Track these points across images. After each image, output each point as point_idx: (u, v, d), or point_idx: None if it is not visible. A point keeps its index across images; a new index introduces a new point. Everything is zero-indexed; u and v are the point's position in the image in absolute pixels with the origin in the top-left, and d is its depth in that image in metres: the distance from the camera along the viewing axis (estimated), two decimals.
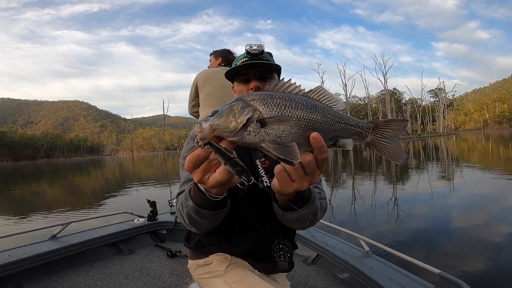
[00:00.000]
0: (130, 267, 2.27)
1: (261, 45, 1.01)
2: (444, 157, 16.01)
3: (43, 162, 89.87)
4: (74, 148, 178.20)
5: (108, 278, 2.10)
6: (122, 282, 2.06)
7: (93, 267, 2.25)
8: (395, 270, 1.73)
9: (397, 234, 4.06)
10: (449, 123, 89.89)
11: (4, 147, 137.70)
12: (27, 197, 10.58)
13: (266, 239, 0.96)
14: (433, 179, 8.57)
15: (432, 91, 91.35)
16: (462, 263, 3.02)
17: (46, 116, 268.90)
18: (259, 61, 1.00)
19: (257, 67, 1.02)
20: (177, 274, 2.16)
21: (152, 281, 2.07)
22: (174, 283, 2.04)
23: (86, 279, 2.08)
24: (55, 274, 2.11)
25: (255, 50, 1.00)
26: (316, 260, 2.26)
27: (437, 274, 1.52)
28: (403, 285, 1.58)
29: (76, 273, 2.15)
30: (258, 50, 1.00)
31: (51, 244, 2.20)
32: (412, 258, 1.70)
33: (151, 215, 2.75)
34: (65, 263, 2.20)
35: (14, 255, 1.98)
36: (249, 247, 0.97)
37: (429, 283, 1.56)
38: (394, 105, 75.55)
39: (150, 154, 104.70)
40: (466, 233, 3.96)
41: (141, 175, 17.70)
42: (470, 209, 5.15)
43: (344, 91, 71.20)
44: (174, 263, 2.33)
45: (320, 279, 2.07)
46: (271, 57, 1.09)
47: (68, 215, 6.20)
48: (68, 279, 2.07)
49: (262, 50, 1.02)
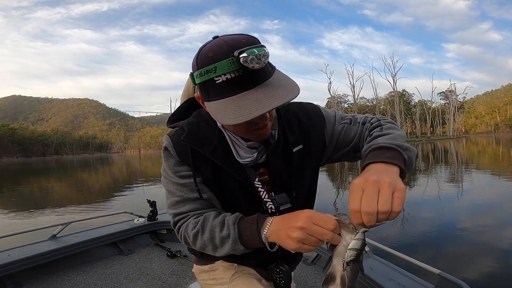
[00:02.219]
0: (130, 267, 2.27)
1: (264, 53, 0.61)
2: (453, 161, 15.74)
3: (52, 158, 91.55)
4: (83, 145, 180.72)
5: (108, 278, 2.10)
6: (122, 282, 2.05)
7: (93, 267, 2.25)
8: (395, 270, 1.72)
9: (402, 237, 4.00)
10: (459, 126, 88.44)
11: (15, 144, 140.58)
12: (29, 195, 10.75)
13: (269, 258, 0.88)
14: (441, 182, 8.42)
15: (443, 93, 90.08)
16: (468, 267, 2.97)
17: (57, 114, 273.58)
18: (271, 107, 0.61)
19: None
20: (177, 274, 2.16)
21: (152, 281, 2.06)
22: (174, 283, 2.03)
23: (86, 279, 2.08)
24: (55, 274, 2.11)
25: (257, 65, 0.60)
26: (316, 260, 2.25)
27: (437, 274, 1.52)
28: (403, 285, 1.58)
29: (76, 273, 2.15)
30: (260, 64, 0.60)
31: (51, 244, 2.21)
32: (412, 258, 1.69)
33: (151, 215, 2.74)
34: (65, 263, 2.21)
35: (14, 255, 1.98)
36: (257, 260, 0.91)
37: (429, 283, 1.55)
38: (403, 107, 74.78)
39: (157, 152, 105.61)
40: (474, 237, 3.89)
41: (147, 173, 17.84)
42: (479, 213, 5.04)
43: (352, 92, 70.62)
44: (174, 263, 2.33)
45: (320, 279, 2.06)
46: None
47: (69, 215, 6.25)
48: (68, 279, 2.07)
49: (266, 63, 0.63)
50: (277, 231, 0.65)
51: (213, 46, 0.63)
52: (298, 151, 0.83)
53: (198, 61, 0.64)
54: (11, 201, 9.30)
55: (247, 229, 0.70)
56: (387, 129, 0.77)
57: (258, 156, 0.79)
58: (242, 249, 0.71)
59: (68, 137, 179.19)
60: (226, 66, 0.60)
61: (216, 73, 0.61)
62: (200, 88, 0.67)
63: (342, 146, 0.86)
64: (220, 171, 0.77)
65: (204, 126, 0.79)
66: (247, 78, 0.62)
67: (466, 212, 5.29)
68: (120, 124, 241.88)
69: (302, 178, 0.86)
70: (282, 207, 0.79)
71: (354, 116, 0.87)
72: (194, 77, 0.66)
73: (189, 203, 0.78)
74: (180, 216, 0.79)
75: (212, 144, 0.76)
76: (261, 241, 0.68)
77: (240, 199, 0.80)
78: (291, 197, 0.82)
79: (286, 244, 0.63)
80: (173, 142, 0.78)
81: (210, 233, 0.73)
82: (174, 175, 0.78)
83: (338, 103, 79.79)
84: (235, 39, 0.62)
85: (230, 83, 0.62)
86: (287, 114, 0.85)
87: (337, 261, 0.61)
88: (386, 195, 0.55)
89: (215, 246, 0.74)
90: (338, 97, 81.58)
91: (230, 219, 0.73)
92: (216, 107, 0.65)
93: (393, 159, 0.64)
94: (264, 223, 0.68)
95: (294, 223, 0.61)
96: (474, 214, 5.11)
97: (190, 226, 0.76)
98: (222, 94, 0.64)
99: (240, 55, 0.58)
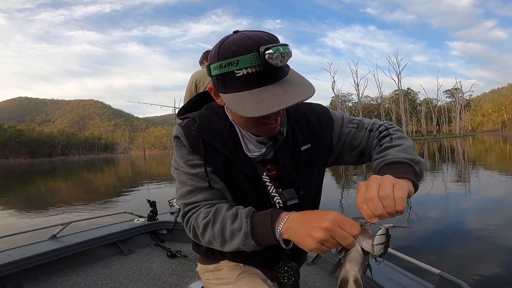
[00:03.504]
0: (130, 267, 2.26)
1: (288, 52, 0.63)
2: (460, 159, 15.56)
3: (58, 159, 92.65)
4: (89, 146, 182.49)
5: (108, 278, 2.09)
6: (122, 282, 2.05)
7: (93, 267, 2.25)
8: (395, 270, 1.70)
9: (407, 237, 3.94)
10: (465, 124, 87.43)
11: (22, 145, 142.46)
12: (34, 195, 10.86)
13: (277, 257, 0.88)
14: (447, 181, 8.33)
15: (448, 91, 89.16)
16: (475, 269, 2.91)
17: (63, 115, 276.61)
18: (288, 104, 0.63)
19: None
20: (177, 274, 2.15)
21: (152, 281, 2.06)
22: (174, 283, 2.02)
23: (86, 279, 2.07)
24: (55, 274, 2.11)
25: (280, 62, 0.62)
26: (316, 260, 2.23)
27: (437, 274, 1.50)
28: (403, 285, 1.57)
29: (76, 273, 2.15)
30: (283, 62, 0.63)
31: (51, 244, 2.20)
32: (412, 258, 1.67)
33: (151, 215, 2.74)
34: (65, 263, 2.21)
35: (14, 255, 1.98)
36: (263, 260, 0.91)
37: (429, 283, 1.54)
38: (408, 105, 74.14)
39: (162, 153, 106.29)
40: (481, 238, 3.81)
41: (152, 174, 17.93)
42: (486, 213, 4.95)
43: (356, 91, 70.37)
44: (174, 263, 2.32)
45: (320, 279, 2.05)
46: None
47: (74, 214, 6.29)
48: (68, 279, 2.07)
49: (287, 61, 0.65)
50: (295, 228, 0.63)
51: (236, 40, 0.64)
52: (306, 150, 0.84)
53: (220, 53, 0.65)
54: (19, 200, 9.41)
55: (260, 223, 0.68)
56: (397, 140, 0.79)
57: (266, 151, 0.80)
58: (253, 245, 0.69)
59: (74, 138, 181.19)
60: (249, 60, 0.61)
61: (237, 66, 0.62)
62: (217, 79, 0.68)
63: (348, 150, 0.88)
64: (230, 164, 0.78)
65: (216, 119, 0.80)
66: (267, 74, 0.64)
67: (474, 211, 5.21)
68: (125, 125, 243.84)
69: (310, 176, 0.86)
70: (289, 202, 0.80)
71: (361, 121, 0.89)
72: (211, 68, 0.67)
73: (201, 193, 0.78)
74: (191, 206, 0.78)
75: (223, 136, 0.78)
76: (274, 236, 0.66)
77: (248, 192, 0.80)
78: (299, 195, 0.82)
79: (304, 242, 0.61)
80: (184, 132, 0.78)
81: (221, 225, 0.71)
82: (186, 165, 0.78)
83: (342, 102, 79.38)
84: (258, 35, 0.64)
85: (250, 77, 0.63)
86: (296, 113, 0.86)
87: (350, 266, 0.61)
88: (386, 185, 0.58)
89: (224, 239, 0.72)
90: (342, 96, 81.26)
91: (243, 212, 0.71)
92: (234, 99, 0.66)
93: (405, 173, 0.67)
94: (279, 218, 0.66)
95: (319, 223, 0.59)
96: (482, 213, 5.02)
97: (201, 216, 0.74)
98: (240, 87, 0.65)
99: (266, 51, 0.60)
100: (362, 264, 0.60)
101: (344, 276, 0.61)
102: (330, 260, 2.06)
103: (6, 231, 2.18)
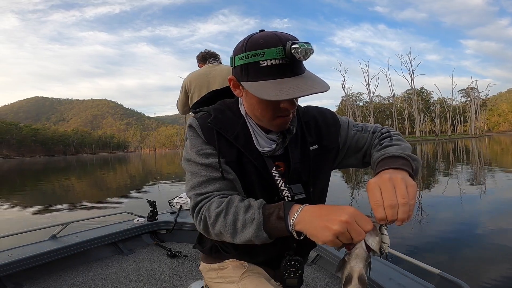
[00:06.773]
0: (130, 267, 2.26)
1: (311, 49, 0.69)
2: (475, 160, 15.12)
3: (73, 157, 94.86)
4: (101, 144, 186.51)
5: (108, 278, 2.09)
6: (122, 282, 2.04)
7: (93, 267, 2.24)
8: (395, 270, 1.70)
9: (419, 239, 3.84)
10: (481, 124, 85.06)
11: (38, 143, 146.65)
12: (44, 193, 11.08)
13: (282, 252, 0.89)
14: (462, 183, 8.09)
15: (464, 91, 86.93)
16: (486, 274, 2.81)
17: (77, 114, 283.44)
18: (305, 93, 0.68)
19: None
20: (177, 274, 2.14)
21: (152, 281, 2.04)
22: (174, 283, 2.01)
23: (86, 279, 2.07)
24: (55, 274, 2.11)
25: (303, 57, 0.68)
26: (316, 260, 2.22)
27: (437, 274, 1.50)
28: (403, 285, 1.57)
29: (76, 273, 2.14)
30: (305, 57, 0.69)
31: (51, 244, 2.21)
32: (412, 258, 1.66)
33: (151, 215, 2.73)
34: (65, 263, 2.21)
35: (14, 255, 1.98)
36: (269, 258, 0.91)
37: (429, 283, 1.54)
38: (422, 105, 72.69)
39: (172, 152, 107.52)
40: (494, 241, 3.68)
41: (162, 173, 18.11)
42: (501, 216, 4.77)
43: (368, 90, 69.43)
44: (174, 263, 2.31)
45: (320, 279, 2.04)
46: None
47: (69, 215, 6.34)
48: (68, 279, 2.07)
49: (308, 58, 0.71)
50: (310, 220, 0.63)
51: (264, 35, 0.71)
52: (314, 150, 0.88)
53: (248, 45, 0.71)
54: (34, 196, 9.63)
55: (272, 214, 0.68)
56: (396, 141, 0.84)
57: (276, 147, 0.83)
58: (265, 237, 0.69)
59: (87, 137, 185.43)
60: (275, 53, 0.68)
61: (263, 57, 0.69)
62: (241, 68, 0.73)
63: (353, 152, 0.93)
64: (242, 156, 0.81)
65: (229, 114, 0.84)
66: (289, 67, 0.70)
67: (489, 214, 5.02)
68: (136, 124, 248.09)
69: (318, 175, 0.90)
70: (297, 197, 0.82)
71: (365, 125, 0.95)
72: (236, 59, 0.74)
73: (214, 183, 0.78)
74: (204, 196, 0.77)
75: (236, 130, 0.81)
76: (287, 228, 0.66)
77: (256, 186, 0.82)
78: (308, 192, 0.85)
79: (320, 234, 0.61)
80: (200, 123, 0.82)
81: (234, 215, 0.72)
82: (199, 155, 0.80)
83: (353, 102, 78.46)
84: (283, 34, 0.71)
85: (273, 68, 0.69)
86: (305, 116, 0.91)
87: (355, 263, 0.62)
88: (403, 189, 0.61)
89: (235, 230, 0.71)
90: (353, 95, 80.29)
91: (255, 203, 0.72)
92: (256, 85, 0.71)
93: (403, 166, 0.71)
94: (292, 210, 0.67)
95: (338, 216, 0.60)
96: (496, 216, 4.84)
97: (214, 205, 0.74)
98: (263, 77, 0.70)
99: (292, 45, 0.67)
100: (366, 261, 0.62)
101: (349, 272, 0.62)
102: (330, 260, 2.05)
103: (6, 231, 2.19)
